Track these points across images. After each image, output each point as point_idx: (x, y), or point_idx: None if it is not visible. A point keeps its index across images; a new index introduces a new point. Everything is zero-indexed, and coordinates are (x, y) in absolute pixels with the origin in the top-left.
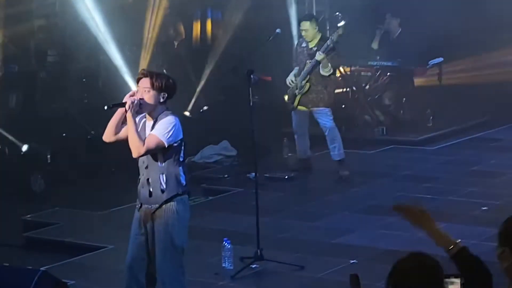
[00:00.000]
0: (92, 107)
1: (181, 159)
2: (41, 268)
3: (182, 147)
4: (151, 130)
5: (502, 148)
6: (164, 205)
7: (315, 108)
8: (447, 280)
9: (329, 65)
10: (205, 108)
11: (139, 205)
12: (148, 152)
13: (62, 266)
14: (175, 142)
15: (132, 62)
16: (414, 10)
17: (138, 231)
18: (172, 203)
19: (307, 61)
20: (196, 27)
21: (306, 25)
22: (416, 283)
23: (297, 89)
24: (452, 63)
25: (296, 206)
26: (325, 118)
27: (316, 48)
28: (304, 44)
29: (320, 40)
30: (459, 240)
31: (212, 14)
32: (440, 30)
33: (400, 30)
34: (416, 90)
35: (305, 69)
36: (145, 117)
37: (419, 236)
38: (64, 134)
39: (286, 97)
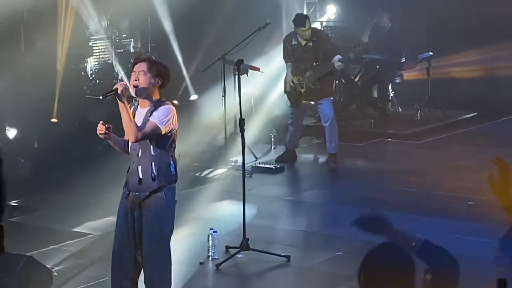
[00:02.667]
0: (80, 94)
1: (172, 149)
2: (27, 254)
3: (175, 138)
4: (149, 117)
5: (489, 143)
6: (155, 193)
7: (320, 100)
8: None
9: None
10: (195, 97)
11: (127, 192)
12: (145, 137)
13: (48, 252)
14: (170, 132)
15: (121, 48)
16: (405, 5)
17: (125, 219)
18: (164, 191)
19: (314, 63)
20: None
21: (308, 24)
22: (388, 273)
23: (301, 88)
24: (442, 58)
25: (284, 196)
26: (328, 108)
27: (311, 44)
28: (294, 42)
29: (311, 36)
30: None
31: None
32: (431, 25)
33: (390, 24)
34: (405, 83)
35: (314, 72)
36: (138, 106)
37: (404, 229)
38: (52, 120)
39: (287, 95)
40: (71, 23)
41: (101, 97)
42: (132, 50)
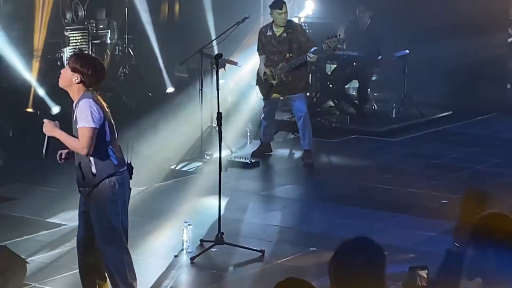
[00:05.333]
0: (56, 83)
1: (107, 139)
2: (0, 244)
3: (107, 127)
4: (74, 114)
5: (464, 142)
6: (97, 188)
7: (292, 95)
8: (415, 272)
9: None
10: (171, 89)
11: (78, 188)
12: (91, 144)
13: (22, 242)
14: (101, 123)
15: (98, 39)
16: (385, 2)
17: (82, 212)
18: (106, 184)
19: (288, 55)
20: (164, 7)
21: (285, 8)
22: (358, 267)
23: (273, 79)
24: (418, 56)
25: (259, 191)
26: (301, 104)
27: (285, 35)
28: (269, 33)
29: (285, 27)
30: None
31: None
32: (408, 23)
33: (369, 21)
34: (381, 81)
35: (287, 63)
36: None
37: (378, 226)
38: (27, 109)
39: (258, 88)
40: (48, 12)
41: (44, 156)
42: (108, 41)
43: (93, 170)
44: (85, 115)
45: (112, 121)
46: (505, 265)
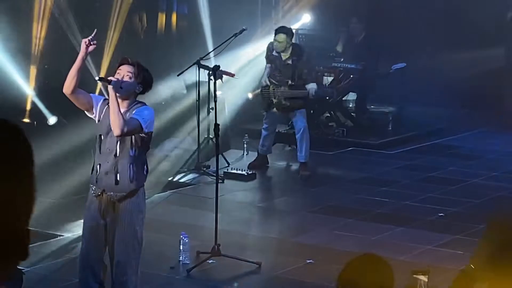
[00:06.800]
0: (54, 95)
1: (148, 150)
2: None
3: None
4: (133, 115)
5: (460, 155)
6: (130, 196)
7: (292, 112)
8: (416, 276)
9: None
10: (168, 101)
11: (99, 191)
12: (128, 132)
13: None
14: (148, 134)
15: (96, 49)
16: (379, 14)
17: (95, 219)
18: (140, 192)
19: (290, 82)
20: (161, 19)
21: (282, 37)
22: (368, 283)
23: (274, 98)
24: (416, 68)
25: (255, 203)
26: (301, 118)
27: (290, 62)
28: (275, 53)
29: (291, 53)
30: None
31: (178, 8)
32: (405, 34)
33: (364, 33)
34: (378, 93)
35: (289, 89)
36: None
37: (375, 239)
38: (24, 120)
39: (260, 100)
40: (46, 23)
41: (96, 78)
42: (106, 52)
43: (132, 176)
44: (147, 116)
45: None
46: None
